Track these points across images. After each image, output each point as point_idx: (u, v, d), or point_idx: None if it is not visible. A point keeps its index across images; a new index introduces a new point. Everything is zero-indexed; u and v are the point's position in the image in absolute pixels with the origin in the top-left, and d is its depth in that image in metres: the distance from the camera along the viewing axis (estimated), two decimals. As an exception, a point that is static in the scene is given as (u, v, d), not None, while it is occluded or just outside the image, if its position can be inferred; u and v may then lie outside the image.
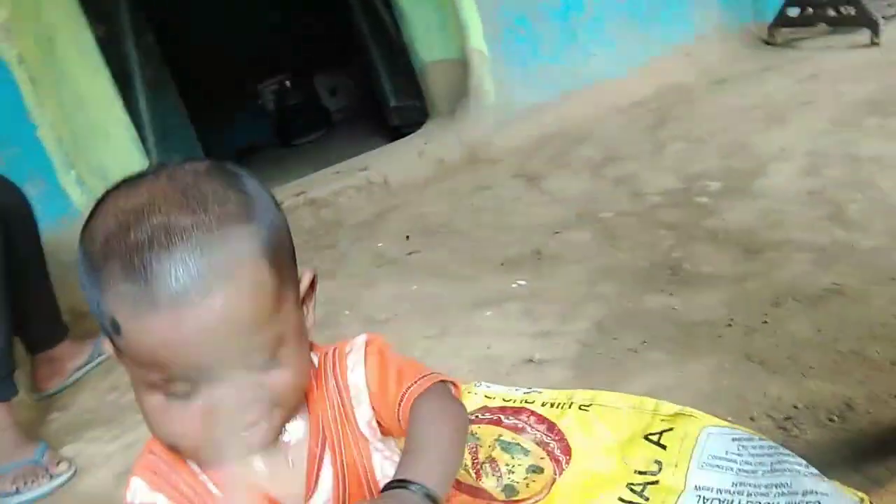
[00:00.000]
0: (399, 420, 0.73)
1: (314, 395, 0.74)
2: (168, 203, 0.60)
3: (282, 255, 0.64)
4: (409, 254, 2.30)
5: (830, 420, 1.10)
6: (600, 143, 2.82)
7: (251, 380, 0.63)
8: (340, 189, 3.00)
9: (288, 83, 5.55)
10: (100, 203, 0.63)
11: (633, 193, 2.21)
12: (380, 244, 2.47)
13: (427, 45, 3.30)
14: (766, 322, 1.38)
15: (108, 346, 0.64)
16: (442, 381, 0.76)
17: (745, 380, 1.24)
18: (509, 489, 1.10)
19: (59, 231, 2.75)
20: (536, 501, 1.07)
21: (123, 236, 0.58)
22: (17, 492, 1.52)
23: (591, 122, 3.03)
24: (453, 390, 0.78)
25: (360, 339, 0.78)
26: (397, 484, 0.65)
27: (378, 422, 0.75)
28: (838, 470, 0.98)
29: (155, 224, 0.58)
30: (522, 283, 1.85)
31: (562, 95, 3.15)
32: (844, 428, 1.08)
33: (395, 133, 3.90)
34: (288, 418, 0.69)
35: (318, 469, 0.72)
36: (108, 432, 1.75)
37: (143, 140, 3.11)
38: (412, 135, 3.35)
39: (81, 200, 2.79)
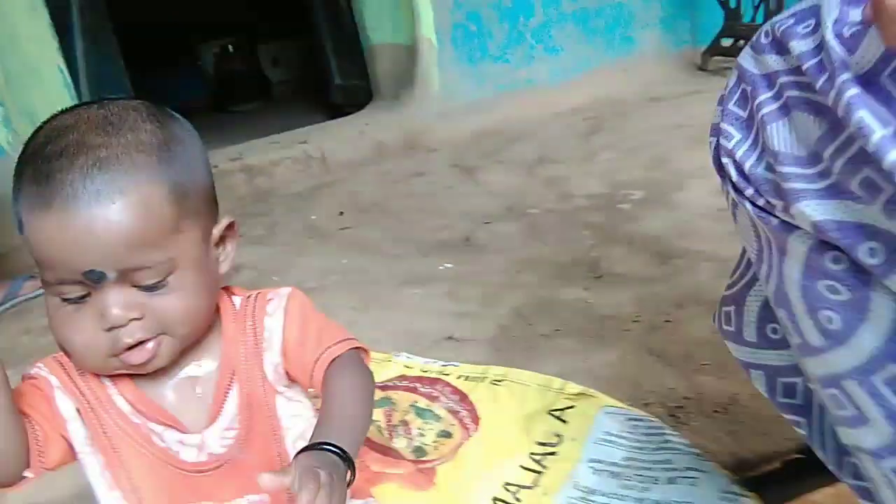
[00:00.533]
0: (311, 377, 0.77)
1: (231, 333, 0.77)
2: (88, 125, 0.66)
3: (186, 190, 0.68)
4: (342, 229, 2.35)
5: (716, 412, 1.22)
6: (536, 143, 2.93)
7: (138, 299, 0.66)
8: (278, 159, 3.01)
9: (230, 47, 5.46)
10: (41, 124, 0.68)
11: (562, 194, 2.32)
12: (313, 217, 2.50)
13: (377, 26, 3.34)
14: (668, 321, 1.50)
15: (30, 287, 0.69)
16: (357, 347, 0.79)
17: (643, 370, 1.35)
18: (419, 450, 1.17)
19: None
20: (443, 462, 1.14)
21: (41, 148, 0.65)
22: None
23: (529, 122, 3.14)
24: (365, 358, 0.81)
25: (285, 290, 0.80)
26: (313, 447, 0.68)
27: (286, 370, 0.78)
28: (717, 455, 1.10)
29: (69, 140, 0.64)
30: (449, 266, 1.92)
31: (504, 94, 3.25)
32: (727, 419, 1.20)
33: (337, 111, 3.91)
34: (177, 349, 0.71)
35: (223, 400, 0.75)
36: (18, 373, 1.72)
37: (77, 86, 3.03)
38: (354, 114, 3.38)
39: (7, 139, 2.71)
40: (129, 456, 0.73)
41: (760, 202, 0.60)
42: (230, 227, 0.75)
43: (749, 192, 0.61)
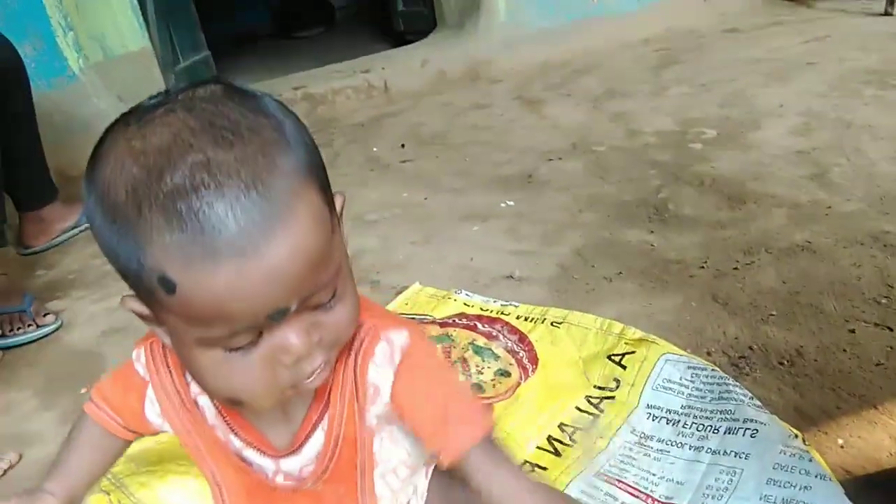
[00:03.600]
0: (433, 456, 0.68)
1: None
2: (198, 137, 0.51)
3: (324, 177, 0.58)
4: (403, 161, 2.34)
5: (780, 364, 1.19)
6: (604, 76, 2.83)
7: (314, 321, 0.57)
8: (340, 88, 2.99)
9: (294, -28, 5.38)
10: (104, 147, 0.54)
11: (629, 130, 2.24)
12: (375, 149, 2.49)
13: (444, -49, 3.23)
14: (736, 268, 1.46)
15: (136, 306, 0.58)
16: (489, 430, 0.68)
17: (707, 317, 1.32)
18: (477, 387, 1.19)
19: (52, 93, 2.73)
20: (500, 400, 1.15)
21: (156, 182, 0.49)
22: (4, 336, 1.58)
23: (598, 54, 3.03)
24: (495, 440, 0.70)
25: (399, 340, 0.67)
26: None
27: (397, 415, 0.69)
28: (779, 408, 1.08)
29: (192, 163, 0.49)
30: (511, 203, 1.90)
31: (572, 24, 3.13)
32: (791, 372, 1.17)
33: (399, 39, 3.85)
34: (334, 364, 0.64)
35: (310, 433, 0.69)
36: (92, 294, 1.81)
37: (144, 12, 3.05)
38: (417, 43, 3.32)
39: (77, 64, 2.76)
40: (213, 454, 0.72)
41: None
42: (343, 202, 0.63)
43: None
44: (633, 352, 1.21)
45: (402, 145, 2.46)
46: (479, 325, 1.33)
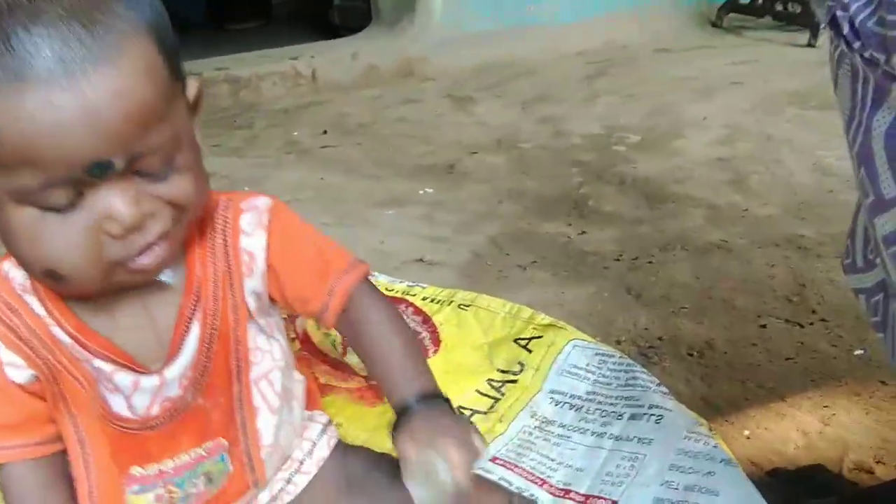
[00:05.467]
0: (324, 310, 0.68)
1: (193, 246, 0.64)
2: None
3: (169, 43, 0.54)
4: (323, 147, 2.24)
5: (690, 355, 1.15)
6: (536, 82, 2.81)
7: (145, 189, 0.52)
8: (265, 74, 2.88)
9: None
10: None
11: (556, 132, 2.22)
12: (295, 133, 2.39)
13: (381, -54, 3.18)
14: (651, 262, 1.42)
15: None
16: (364, 268, 0.71)
17: (619, 308, 1.28)
18: (372, 367, 1.10)
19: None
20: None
21: None
22: None
23: (532, 61, 3.01)
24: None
25: (263, 203, 0.66)
26: (430, 398, 0.66)
27: (270, 297, 0.68)
28: (686, 398, 1.03)
29: None
30: (429, 190, 1.83)
31: (508, 29, 3.11)
32: (700, 363, 1.13)
33: (336, 34, 3.76)
34: (177, 248, 0.58)
35: (185, 332, 0.63)
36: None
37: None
38: (350, 37, 3.24)
39: None
40: (77, 402, 0.62)
41: (867, 54, 0.60)
42: (200, 93, 0.60)
43: (857, 45, 0.61)
44: (540, 336, 1.14)
45: (325, 132, 2.37)
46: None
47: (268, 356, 0.69)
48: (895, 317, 0.65)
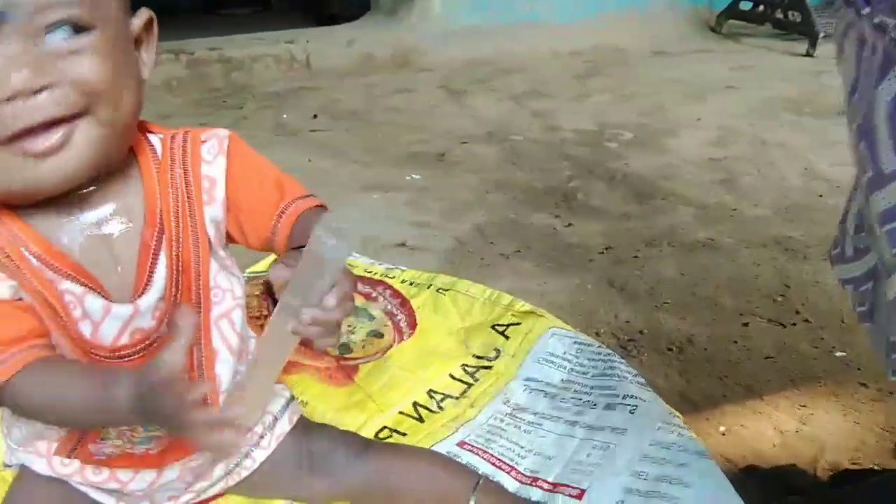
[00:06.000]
0: (272, 233, 0.66)
1: (151, 177, 0.63)
2: None
3: None
4: (313, 131, 2.21)
5: (669, 349, 1.13)
6: (530, 78, 2.79)
7: (48, 60, 0.50)
8: (259, 56, 2.85)
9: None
10: None
11: (548, 126, 2.19)
12: (285, 116, 2.36)
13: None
14: (636, 257, 1.40)
15: None
16: (322, 205, 0.70)
17: (601, 300, 1.25)
18: (344, 347, 1.07)
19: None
20: (368, 362, 1.04)
21: None
22: None
23: (527, 58, 2.99)
24: None
25: (222, 133, 0.67)
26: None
27: (227, 229, 0.67)
28: (664, 392, 1.01)
29: None
30: (417, 177, 1.80)
31: (505, 26, 3.09)
32: (680, 359, 1.11)
33: (333, 22, 3.74)
34: (96, 152, 0.55)
35: (153, 265, 0.62)
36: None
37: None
38: (347, 24, 3.21)
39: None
40: (55, 327, 0.60)
41: (876, 20, 0.58)
42: (149, 24, 0.61)
43: (866, 10, 0.60)
44: (518, 323, 1.12)
45: (315, 116, 2.34)
46: (359, 286, 1.22)
47: (228, 295, 0.68)
48: (885, 298, 0.63)
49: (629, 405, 0.93)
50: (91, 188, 0.59)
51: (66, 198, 0.58)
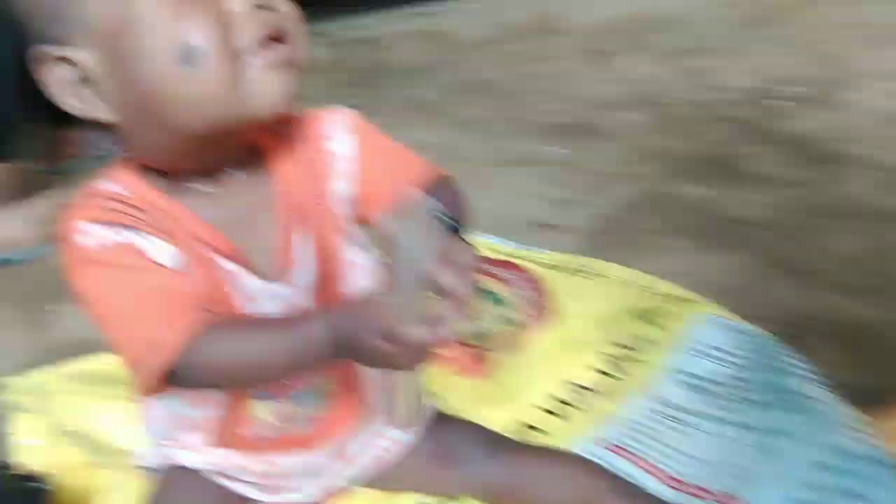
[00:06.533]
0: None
1: (280, 159, 0.64)
2: None
3: None
4: (452, 105, 2.17)
5: (849, 339, 0.99)
6: (687, 31, 2.58)
7: None
8: (397, 33, 2.84)
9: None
10: None
11: (705, 85, 2.01)
12: (423, 91, 2.34)
13: None
14: (807, 232, 1.24)
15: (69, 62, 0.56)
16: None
17: (765, 282, 1.12)
18: (477, 335, 1.02)
19: None
20: (502, 352, 0.99)
21: None
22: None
23: (681, 7, 2.77)
24: None
25: (347, 111, 0.68)
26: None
27: (357, 207, 0.66)
28: (843, 388, 0.88)
29: None
30: (560, 150, 1.72)
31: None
32: (863, 350, 0.97)
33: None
34: (297, 85, 0.58)
35: (293, 243, 0.63)
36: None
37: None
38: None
39: None
40: (213, 304, 0.60)
41: None
42: None
43: None
44: (671, 310, 1.02)
45: (453, 90, 2.30)
46: (490, 268, 1.16)
47: (361, 272, 0.68)
48: None
49: (800, 404, 0.81)
50: (235, 163, 0.62)
51: (211, 175, 0.61)
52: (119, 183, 0.61)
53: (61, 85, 0.56)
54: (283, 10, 0.56)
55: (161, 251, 0.58)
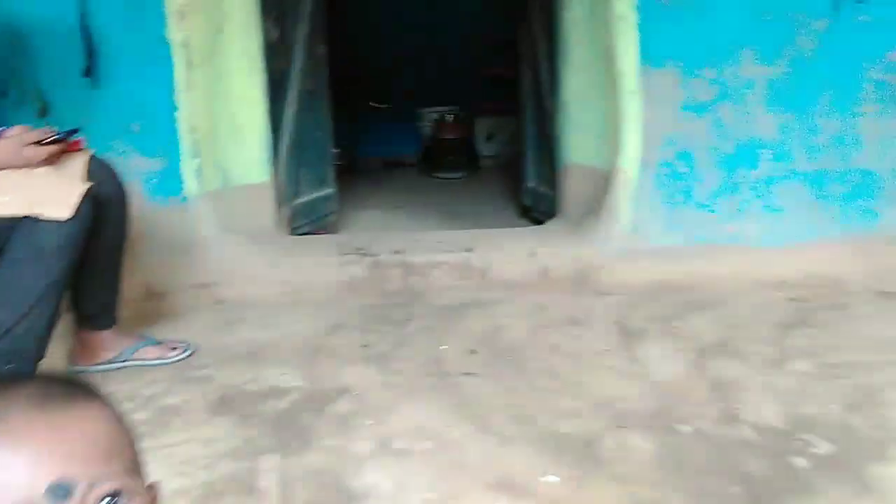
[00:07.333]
0: None
1: None
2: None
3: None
4: (465, 374, 2.13)
5: None
6: (721, 318, 2.51)
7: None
8: (437, 262, 2.87)
9: (450, 117, 5.50)
10: None
11: (727, 413, 1.89)
12: (444, 347, 2.31)
13: (576, 145, 3.12)
14: None
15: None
16: None
17: None
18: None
19: (163, 210, 2.80)
20: None
21: None
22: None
23: (721, 287, 2.72)
24: None
25: None
26: None
27: None
28: None
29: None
30: (554, 479, 1.62)
31: (700, 246, 2.86)
32: None
33: (525, 211, 3.77)
34: None
35: None
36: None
37: (276, 148, 3.12)
38: (529, 230, 3.18)
39: (193, 189, 2.83)
40: None
41: None
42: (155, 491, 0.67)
43: None
44: None
45: (473, 351, 2.26)
46: None
47: None
48: None
49: None
50: None
51: None
52: None
53: None
54: None
55: None
